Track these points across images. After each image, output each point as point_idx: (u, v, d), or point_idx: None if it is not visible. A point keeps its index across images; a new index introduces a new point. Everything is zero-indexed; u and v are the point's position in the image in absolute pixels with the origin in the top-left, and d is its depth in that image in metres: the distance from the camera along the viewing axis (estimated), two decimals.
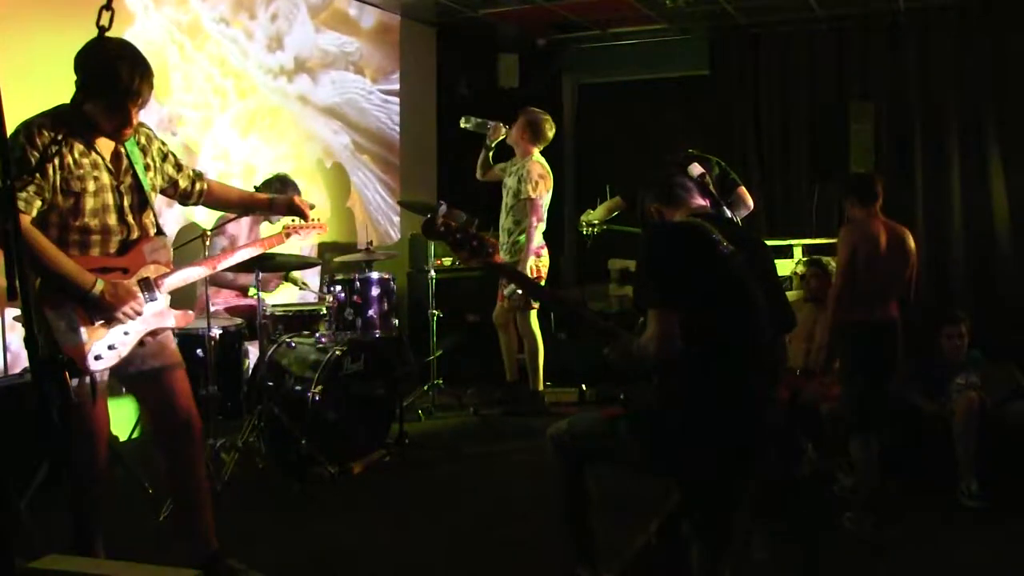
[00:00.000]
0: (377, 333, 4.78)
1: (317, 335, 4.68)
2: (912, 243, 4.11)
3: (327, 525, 3.81)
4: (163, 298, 3.03)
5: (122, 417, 5.12)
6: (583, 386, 6.25)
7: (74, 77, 2.77)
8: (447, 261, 6.46)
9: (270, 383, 4.42)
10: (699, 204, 2.95)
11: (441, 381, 5.94)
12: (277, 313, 4.86)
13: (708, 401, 2.67)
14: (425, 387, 5.93)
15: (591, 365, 6.55)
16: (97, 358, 2.83)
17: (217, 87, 5.91)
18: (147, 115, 5.33)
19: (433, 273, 5.84)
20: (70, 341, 2.77)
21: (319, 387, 4.30)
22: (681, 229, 2.83)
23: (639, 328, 2.76)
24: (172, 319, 3.07)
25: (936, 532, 3.94)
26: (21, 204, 2.67)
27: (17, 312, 4.32)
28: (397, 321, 4.93)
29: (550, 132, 5.87)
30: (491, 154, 6.06)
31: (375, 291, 4.78)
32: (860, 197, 4.03)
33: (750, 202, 5.44)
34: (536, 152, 5.85)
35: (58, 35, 4.58)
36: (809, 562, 3.13)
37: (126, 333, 2.90)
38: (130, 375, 3.02)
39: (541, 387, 5.94)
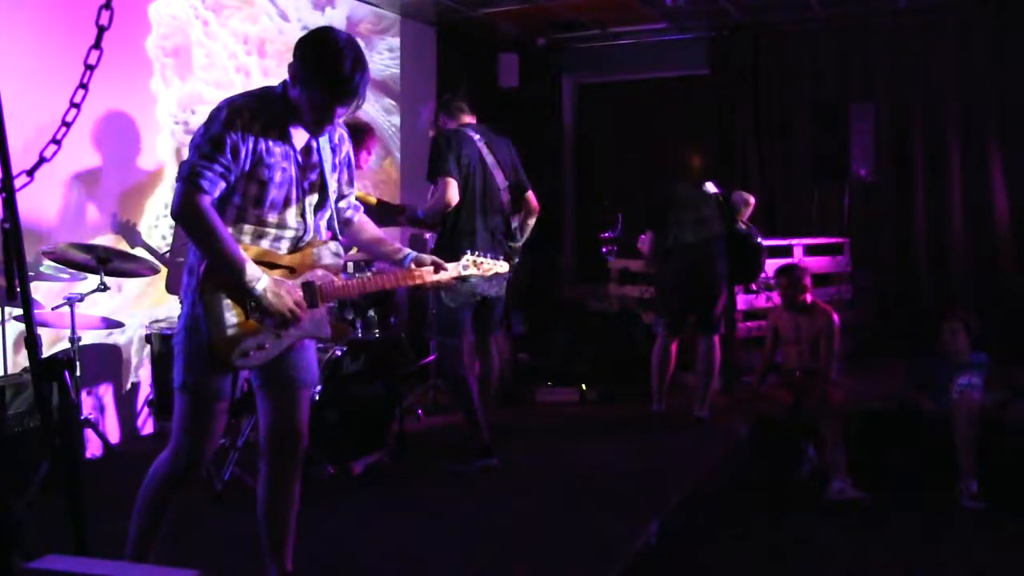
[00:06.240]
0: (377, 333, 4.77)
1: None
2: None
3: (327, 525, 3.81)
4: (323, 307, 2.86)
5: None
6: (583, 386, 6.24)
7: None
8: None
9: None
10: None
11: (441, 381, 5.93)
12: None
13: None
14: (425, 387, 5.92)
15: (591, 365, 6.55)
16: (244, 355, 2.67)
17: (240, 64, 5.70)
18: (168, 94, 5.30)
19: None
20: (220, 333, 2.63)
21: (319, 387, 4.30)
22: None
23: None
24: (328, 329, 2.90)
25: (936, 532, 3.94)
26: (205, 184, 2.56)
27: (16, 311, 4.32)
28: (397, 321, 4.92)
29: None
30: None
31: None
32: None
33: (751, 199, 5.46)
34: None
35: (58, 34, 4.58)
36: None
37: (279, 336, 2.74)
38: (266, 376, 2.84)
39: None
